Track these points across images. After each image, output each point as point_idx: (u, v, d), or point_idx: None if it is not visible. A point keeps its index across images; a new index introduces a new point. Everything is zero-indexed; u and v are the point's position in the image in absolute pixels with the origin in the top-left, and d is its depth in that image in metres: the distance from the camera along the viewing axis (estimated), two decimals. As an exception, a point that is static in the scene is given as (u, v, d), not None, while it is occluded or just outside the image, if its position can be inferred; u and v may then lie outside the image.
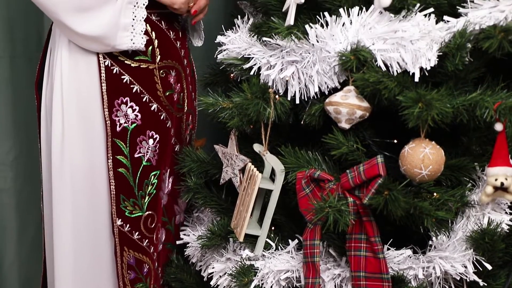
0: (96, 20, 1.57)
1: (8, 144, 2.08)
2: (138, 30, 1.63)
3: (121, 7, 1.59)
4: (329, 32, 1.51)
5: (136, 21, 1.62)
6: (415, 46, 1.44)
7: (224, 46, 1.77)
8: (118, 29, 1.60)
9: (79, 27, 1.57)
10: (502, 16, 1.39)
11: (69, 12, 1.56)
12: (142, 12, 1.63)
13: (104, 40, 1.60)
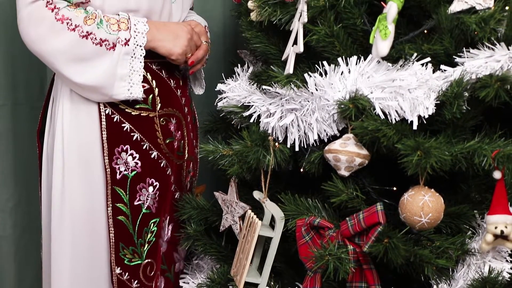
0: (93, 71, 1.59)
1: (8, 191, 2.09)
2: (135, 80, 1.64)
3: (118, 58, 1.61)
4: (328, 81, 1.53)
5: (133, 72, 1.64)
6: (413, 94, 1.46)
7: (224, 94, 1.79)
8: (115, 79, 1.61)
9: (77, 78, 1.59)
10: (498, 66, 1.42)
11: (68, 63, 1.58)
12: (140, 63, 1.64)
13: (102, 90, 1.62)
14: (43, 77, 2.08)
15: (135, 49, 1.63)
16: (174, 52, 1.70)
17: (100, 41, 1.58)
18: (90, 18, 1.58)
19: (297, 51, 1.57)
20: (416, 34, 1.53)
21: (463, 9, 1.47)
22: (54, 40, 1.55)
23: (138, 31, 1.63)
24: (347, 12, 1.55)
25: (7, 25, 2.01)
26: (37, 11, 1.53)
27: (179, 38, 1.70)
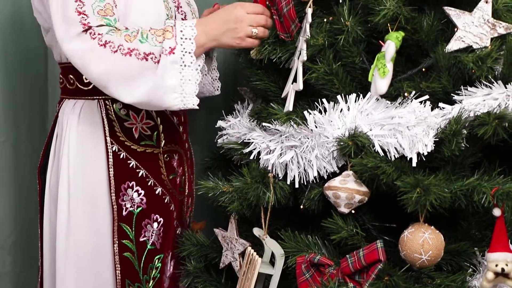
0: (140, 87, 1.54)
1: (8, 228, 2.08)
2: (189, 90, 1.55)
3: (163, 69, 1.53)
4: (327, 118, 1.54)
5: (184, 81, 1.55)
6: (411, 132, 1.47)
7: (224, 131, 1.80)
8: (164, 91, 1.54)
9: (126, 97, 1.56)
10: (495, 104, 1.43)
11: (116, 84, 1.55)
12: (192, 71, 1.55)
13: (152, 104, 1.58)
14: (45, 114, 2.09)
15: (184, 57, 1.54)
16: (234, 45, 1.59)
17: (145, 56, 1.53)
18: (132, 35, 1.54)
19: (297, 89, 1.59)
20: (414, 72, 1.55)
21: (460, 48, 1.49)
22: (100, 65, 1.53)
23: (185, 37, 1.55)
24: (346, 50, 1.57)
25: (8, 64, 2.03)
26: (82, 43, 1.53)
27: (229, 23, 1.57)
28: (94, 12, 1.53)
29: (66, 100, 1.72)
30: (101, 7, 1.55)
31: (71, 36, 1.53)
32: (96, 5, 1.54)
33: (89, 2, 1.54)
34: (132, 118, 1.69)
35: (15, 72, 2.04)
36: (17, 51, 2.03)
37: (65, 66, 1.71)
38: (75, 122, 1.67)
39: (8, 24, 2.01)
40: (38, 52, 2.04)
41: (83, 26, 1.52)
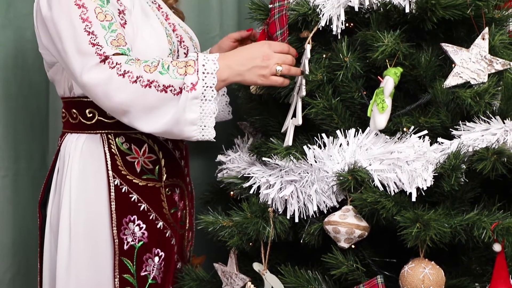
0: (160, 118, 1.54)
1: (7, 263, 2.07)
2: (208, 123, 1.55)
3: (185, 104, 1.52)
4: (327, 153, 1.55)
5: (204, 115, 1.54)
6: (411, 166, 1.47)
7: (224, 165, 1.81)
8: (184, 124, 1.54)
9: (145, 127, 1.56)
10: (494, 139, 1.44)
11: (136, 114, 1.55)
12: (212, 105, 1.55)
13: (172, 134, 1.58)
14: (45, 148, 2.10)
15: (205, 91, 1.54)
16: (259, 82, 1.59)
17: (164, 88, 1.53)
18: (152, 66, 1.54)
19: (296, 124, 1.60)
20: (413, 107, 1.56)
21: (458, 84, 1.50)
22: (119, 95, 1.53)
23: (207, 71, 1.54)
24: (344, 86, 1.59)
25: (10, 98, 2.04)
26: (101, 73, 1.52)
27: (256, 60, 1.57)
28: (107, 43, 1.54)
29: (69, 134, 1.72)
30: (114, 37, 1.55)
31: (89, 68, 1.53)
32: (109, 35, 1.55)
33: (101, 34, 1.54)
34: (135, 152, 1.70)
35: (16, 106, 2.05)
36: (19, 85, 2.05)
37: (68, 101, 1.72)
38: (77, 156, 1.68)
39: (10, 58, 2.03)
40: (40, 86, 2.05)
41: (100, 57, 1.52)
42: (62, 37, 1.56)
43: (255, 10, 1.74)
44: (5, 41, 2.01)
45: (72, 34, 1.54)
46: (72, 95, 1.70)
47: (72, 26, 1.55)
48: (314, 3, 1.62)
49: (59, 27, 1.56)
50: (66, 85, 1.70)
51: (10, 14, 2.00)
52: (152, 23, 1.69)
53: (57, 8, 1.57)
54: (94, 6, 1.55)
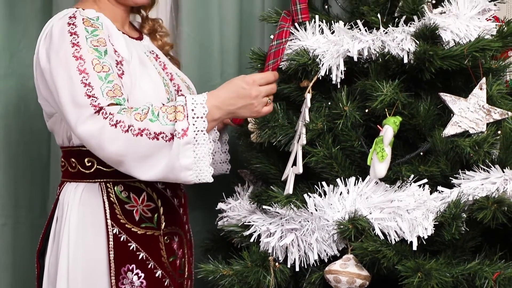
0: (155, 166, 1.55)
1: (4, 310, 2.05)
2: (203, 166, 1.55)
3: (178, 151, 1.53)
4: (327, 201, 1.55)
5: (198, 159, 1.55)
6: (411, 215, 1.47)
7: (225, 213, 1.81)
8: (180, 170, 1.55)
9: (142, 175, 1.57)
10: (493, 188, 1.44)
11: (132, 163, 1.56)
12: (205, 148, 1.55)
13: (168, 180, 1.59)
14: (46, 196, 2.10)
15: (197, 136, 1.54)
16: (253, 116, 1.64)
17: (156, 135, 1.53)
18: (142, 113, 1.55)
19: (297, 172, 1.60)
20: (412, 156, 1.57)
21: (457, 133, 1.52)
22: (112, 145, 1.54)
23: (196, 116, 1.55)
24: (344, 134, 1.60)
25: (11, 145, 2.05)
26: (94, 124, 1.54)
27: (246, 99, 1.58)
28: (103, 94, 1.56)
29: (67, 183, 1.73)
30: (110, 88, 1.57)
31: (84, 119, 1.55)
32: (105, 86, 1.57)
33: (98, 85, 1.56)
34: (133, 200, 1.70)
35: (17, 153, 2.06)
36: (21, 133, 2.06)
37: (67, 150, 1.73)
38: (76, 205, 1.68)
39: (12, 106, 2.05)
40: (41, 134, 2.06)
41: (94, 108, 1.54)
42: (59, 89, 1.58)
43: (255, 60, 1.76)
44: (8, 90, 2.03)
45: (69, 85, 1.56)
46: (71, 144, 1.71)
47: (69, 77, 1.57)
48: (313, 53, 1.65)
49: (56, 79, 1.58)
50: (65, 135, 1.71)
51: (13, 63, 2.03)
52: (150, 73, 1.72)
53: (56, 60, 1.59)
54: (91, 58, 1.58)
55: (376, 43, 1.60)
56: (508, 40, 1.58)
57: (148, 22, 1.87)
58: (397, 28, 1.59)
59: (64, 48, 1.58)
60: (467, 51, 1.51)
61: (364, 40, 1.61)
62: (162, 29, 1.90)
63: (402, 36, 1.57)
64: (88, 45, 1.59)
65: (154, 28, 1.88)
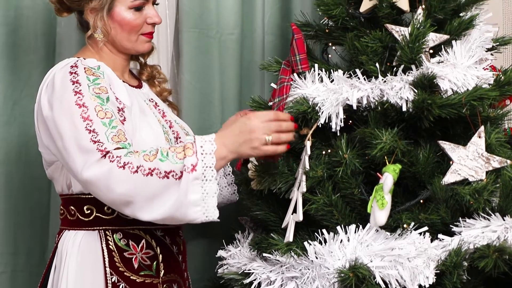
0: (162, 206, 1.54)
1: None
2: (210, 203, 1.55)
3: (186, 186, 1.52)
4: (327, 249, 1.55)
5: (206, 195, 1.54)
6: (412, 263, 1.47)
7: (225, 261, 1.80)
8: (188, 207, 1.53)
9: (148, 216, 1.55)
10: (494, 236, 1.44)
11: (140, 204, 1.54)
12: (213, 185, 1.55)
13: (173, 219, 1.56)
14: (45, 244, 2.09)
15: (205, 171, 1.54)
16: (253, 154, 1.59)
17: (166, 174, 1.53)
18: (151, 154, 1.55)
19: (297, 220, 1.60)
20: (412, 203, 1.57)
21: (456, 181, 1.52)
22: (121, 187, 1.53)
23: (205, 152, 1.55)
24: (344, 182, 1.61)
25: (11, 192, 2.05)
26: (101, 167, 1.54)
27: (244, 134, 1.57)
28: (108, 139, 1.56)
29: (66, 231, 1.72)
30: (114, 133, 1.58)
31: (90, 164, 1.54)
32: (109, 132, 1.58)
33: (102, 131, 1.57)
34: (132, 248, 1.69)
35: (17, 201, 2.06)
36: (21, 180, 2.06)
37: (67, 198, 1.73)
38: (74, 253, 1.67)
39: (13, 153, 2.06)
40: (42, 181, 2.07)
41: (101, 153, 1.54)
42: (64, 136, 1.59)
43: (256, 107, 1.78)
44: (9, 137, 2.05)
45: (74, 133, 1.57)
46: (70, 192, 1.71)
47: (73, 125, 1.58)
48: (313, 101, 1.66)
49: (60, 127, 1.59)
50: (65, 183, 1.71)
51: (15, 111, 2.05)
52: (150, 121, 1.73)
53: (59, 108, 1.60)
54: (94, 105, 1.60)
55: (375, 91, 1.62)
56: (505, 89, 1.60)
57: (146, 69, 1.90)
58: (395, 77, 1.62)
59: (67, 96, 1.60)
60: (465, 100, 1.53)
61: (363, 88, 1.63)
62: (161, 75, 1.93)
63: (400, 85, 1.58)
64: (90, 93, 1.61)
65: (152, 75, 1.90)
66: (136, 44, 1.76)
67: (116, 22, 1.71)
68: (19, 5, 2.04)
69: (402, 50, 1.61)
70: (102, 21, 1.70)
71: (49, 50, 2.09)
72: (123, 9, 1.70)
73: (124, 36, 1.73)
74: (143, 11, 1.73)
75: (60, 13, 1.78)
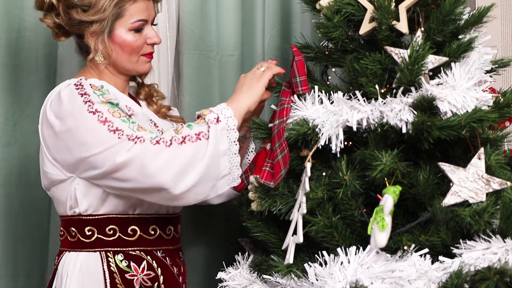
0: (195, 168, 1.61)
1: None
2: (234, 151, 1.68)
3: (216, 137, 1.64)
4: (328, 271, 1.54)
5: (231, 144, 1.67)
6: (413, 285, 1.46)
7: (225, 283, 1.79)
8: (219, 157, 1.64)
9: (182, 186, 1.60)
10: (495, 258, 1.44)
11: (177, 174, 1.59)
12: (235, 133, 1.68)
13: (205, 182, 1.63)
14: (44, 266, 2.09)
15: (228, 121, 1.67)
16: (260, 87, 1.75)
17: (197, 137, 1.62)
18: (178, 128, 1.64)
19: (297, 241, 1.60)
20: (413, 225, 1.57)
21: (456, 202, 1.52)
22: (157, 160, 1.58)
23: (220, 107, 1.70)
24: (344, 203, 1.60)
25: (11, 214, 2.05)
26: (135, 149, 1.57)
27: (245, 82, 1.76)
28: (134, 130, 1.61)
29: (67, 252, 1.72)
30: (136, 126, 1.63)
31: (124, 151, 1.57)
32: (132, 125, 1.63)
33: (125, 126, 1.61)
34: (134, 269, 1.69)
35: (17, 223, 2.06)
36: (21, 202, 2.07)
37: (67, 219, 1.73)
38: (75, 274, 1.67)
39: (14, 175, 2.07)
40: (42, 203, 2.07)
41: (133, 141, 1.59)
42: (88, 142, 1.60)
43: (256, 129, 1.78)
44: (10, 158, 2.05)
45: (98, 138, 1.59)
46: (72, 213, 1.71)
47: (94, 131, 1.59)
48: (313, 123, 1.67)
49: (80, 137, 1.60)
50: (68, 203, 1.71)
51: (16, 132, 2.05)
52: None
53: (73, 121, 1.61)
54: (106, 108, 1.62)
55: (375, 113, 1.62)
56: (504, 111, 1.60)
57: (144, 88, 1.91)
58: (395, 99, 1.62)
59: (78, 107, 1.61)
60: (464, 121, 1.53)
61: (362, 110, 1.63)
62: (158, 93, 1.94)
63: (400, 107, 1.59)
64: (100, 100, 1.63)
65: (150, 94, 1.91)
66: (137, 65, 1.77)
67: (117, 44, 1.72)
68: (21, 28, 2.06)
69: (401, 72, 1.62)
70: (103, 44, 1.71)
71: (50, 71, 2.10)
72: (123, 31, 1.72)
73: (125, 57, 1.74)
74: (143, 32, 1.75)
75: (58, 38, 1.79)
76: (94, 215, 1.68)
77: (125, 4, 1.70)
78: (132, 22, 1.72)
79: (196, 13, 2.20)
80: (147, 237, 1.73)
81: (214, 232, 2.14)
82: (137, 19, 1.72)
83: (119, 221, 1.66)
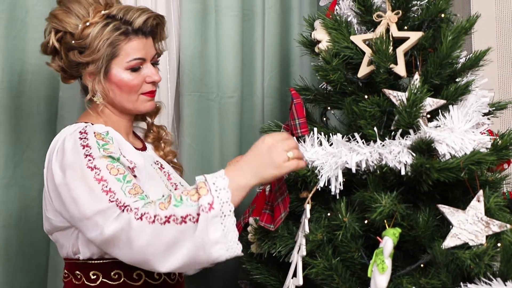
0: (180, 251, 1.51)
1: None
2: (231, 238, 1.52)
3: (207, 226, 1.49)
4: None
5: (227, 231, 1.51)
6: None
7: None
8: (210, 245, 1.50)
9: (167, 266, 1.52)
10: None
11: (158, 253, 1.52)
12: (232, 219, 1.52)
13: (196, 262, 1.53)
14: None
15: (223, 207, 1.51)
16: (277, 173, 1.54)
17: (183, 219, 1.51)
18: (165, 202, 1.54)
19: (297, 284, 1.59)
20: (413, 268, 1.56)
21: (456, 245, 1.52)
22: (140, 238, 1.51)
23: (219, 188, 1.53)
24: (344, 246, 1.60)
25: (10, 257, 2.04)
26: (121, 221, 1.52)
27: (263, 155, 1.54)
28: (125, 194, 1.56)
29: (71, 295, 1.70)
30: (130, 187, 1.57)
31: (111, 221, 1.53)
32: (125, 186, 1.57)
33: (118, 187, 1.56)
34: None
35: (16, 265, 2.04)
36: (20, 244, 2.05)
37: (72, 263, 1.70)
38: None
39: (13, 217, 2.05)
40: (40, 244, 2.06)
41: (120, 208, 1.54)
42: (80, 201, 1.57)
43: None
44: (9, 200, 2.04)
45: (91, 196, 1.56)
46: (76, 257, 1.69)
47: (89, 189, 1.57)
48: (312, 164, 1.67)
49: (75, 192, 1.58)
50: (71, 249, 1.69)
51: (16, 173, 2.05)
52: (157, 185, 1.73)
53: (71, 174, 1.59)
54: (105, 164, 1.59)
55: (374, 155, 1.63)
56: (502, 153, 1.61)
57: (153, 129, 1.91)
58: (393, 141, 1.63)
59: (78, 161, 1.59)
60: (463, 164, 1.54)
61: (362, 152, 1.64)
62: (168, 136, 1.94)
63: (399, 149, 1.60)
64: (101, 154, 1.60)
65: (159, 136, 1.91)
66: (137, 104, 1.76)
67: (113, 84, 1.72)
68: (24, 71, 2.07)
69: (400, 114, 1.63)
70: (100, 84, 1.71)
71: (51, 114, 2.11)
72: (119, 70, 1.72)
73: (124, 97, 1.74)
74: (141, 71, 1.74)
75: (66, 81, 1.80)
76: (99, 259, 1.67)
77: (119, 43, 1.70)
78: (128, 61, 1.72)
79: (197, 56, 2.22)
80: (152, 282, 1.71)
81: (214, 274, 2.13)
82: (133, 58, 1.72)
83: (124, 266, 1.64)
